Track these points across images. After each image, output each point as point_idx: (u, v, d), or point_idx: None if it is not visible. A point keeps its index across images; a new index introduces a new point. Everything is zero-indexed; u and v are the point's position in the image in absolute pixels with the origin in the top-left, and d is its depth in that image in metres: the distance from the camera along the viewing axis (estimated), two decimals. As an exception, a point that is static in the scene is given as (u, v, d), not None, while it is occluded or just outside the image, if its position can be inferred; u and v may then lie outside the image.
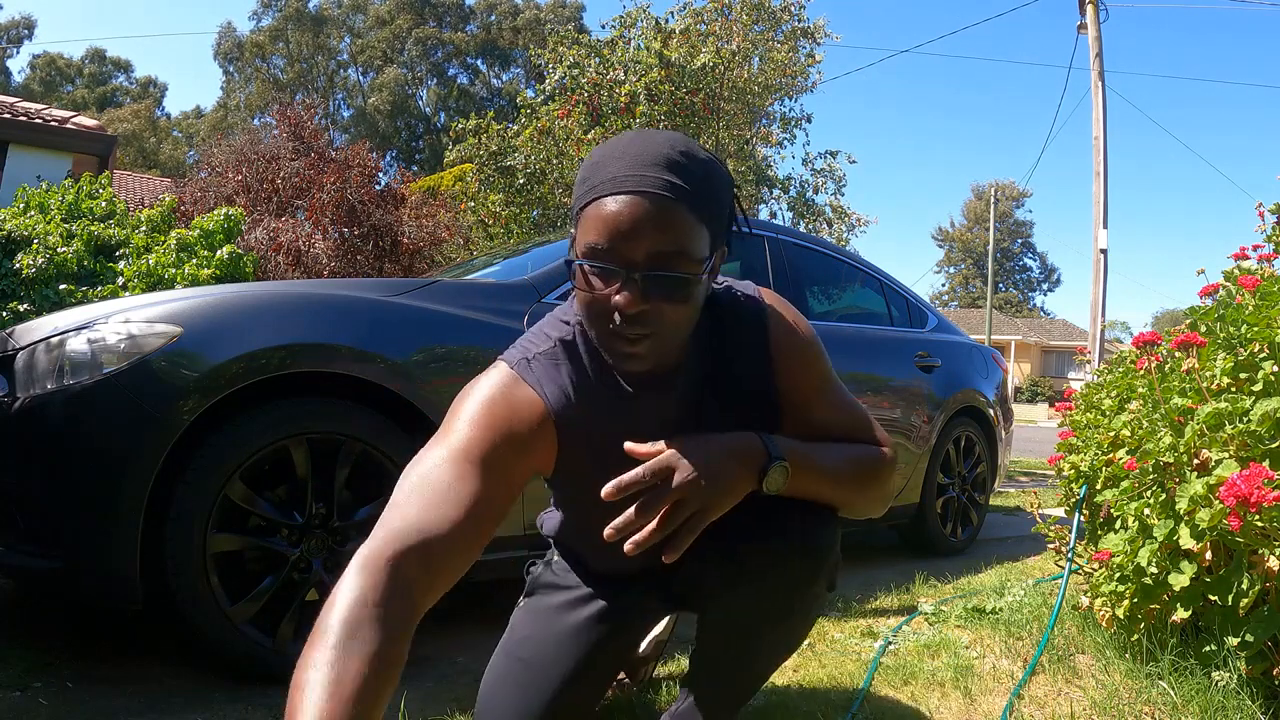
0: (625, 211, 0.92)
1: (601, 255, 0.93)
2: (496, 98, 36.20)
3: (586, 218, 0.95)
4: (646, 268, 0.93)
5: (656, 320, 0.95)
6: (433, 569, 0.86)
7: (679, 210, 0.93)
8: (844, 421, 1.16)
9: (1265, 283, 1.84)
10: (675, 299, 0.95)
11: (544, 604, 1.29)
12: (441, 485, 0.92)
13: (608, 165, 0.96)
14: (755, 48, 8.74)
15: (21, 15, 37.29)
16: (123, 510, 1.67)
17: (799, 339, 1.15)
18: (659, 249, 0.93)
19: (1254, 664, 1.50)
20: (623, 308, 0.93)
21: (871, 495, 1.14)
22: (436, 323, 2.09)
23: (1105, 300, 10.57)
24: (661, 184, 0.93)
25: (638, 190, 0.92)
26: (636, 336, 0.95)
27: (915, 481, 3.44)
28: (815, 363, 1.16)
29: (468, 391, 1.07)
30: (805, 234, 4.08)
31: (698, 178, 0.96)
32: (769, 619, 1.17)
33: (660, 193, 0.93)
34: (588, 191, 0.96)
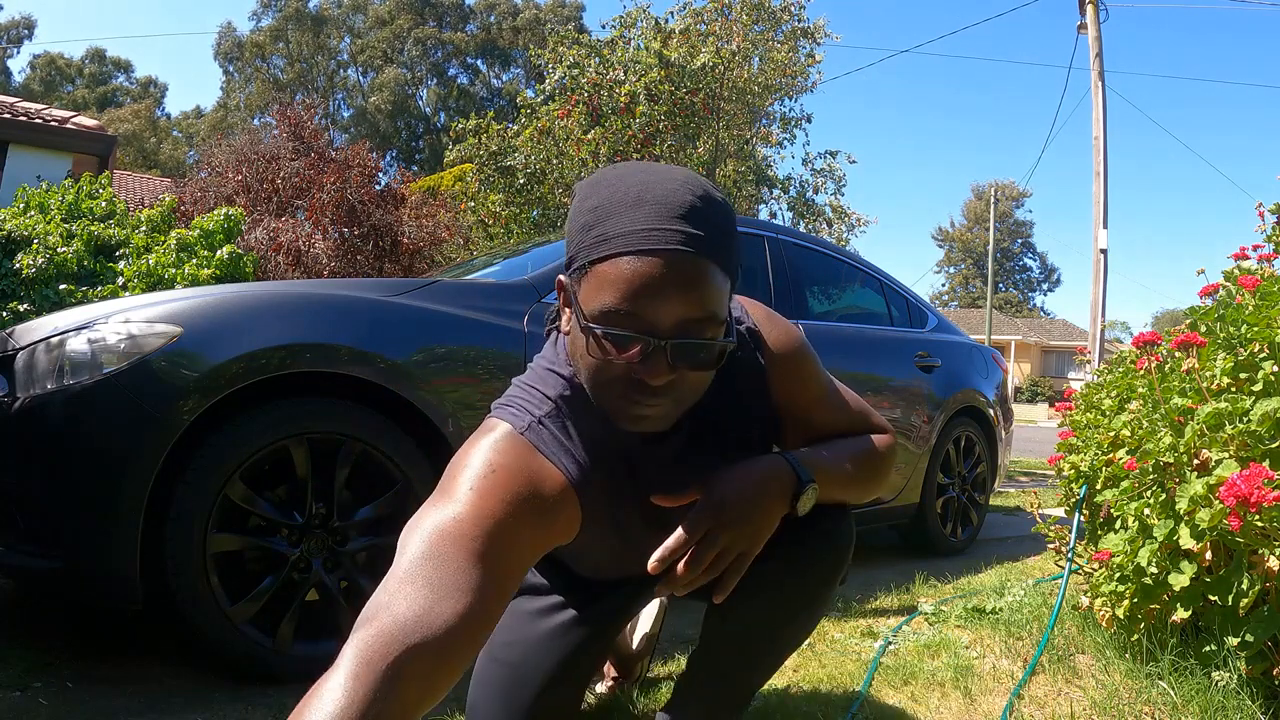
0: (651, 274, 0.83)
1: (621, 321, 0.84)
2: (496, 98, 36.21)
3: (600, 275, 0.85)
4: (674, 335, 0.85)
5: (679, 387, 0.89)
6: (434, 676, 0.74)
7: (707, 269, 0.85)
8: (844, 420, 1.18)
9: (1265, 283, 1.84)
10: (702, 366, 0.89)
11: (524, 608, 1.26)
12: (452, 566, 0.80)
13: (619, 214, 0.85)
14: (755, 48, 8.74)
15: (21, 15, 37.35)
16: (123, 510, 1.67)
17: (790, 353, 1.14)
18: (688, 315, 0.85)
19: (1254, 664, 1.50)
20: (648, 378, 0.85)
21: (881, 480, 1.18)
22: (436, 323, 2.09)
23: (1105, 300, 10.58)
24: (686, 240, 0.84)
25: (663, 249, 0.83)
26: (656, 403, 0.89)
27: (915, 481, 3.44)
28: (809, 371, 1.16)
29: (472, 456, 0.94)
30: (805, 234, 4.08)
31: (719, 228, 0.87)
32: (784, 622, 1.18)
33: (687, 251, 0.84)
34: (598, 243, 0.85)
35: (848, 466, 1.10)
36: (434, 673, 0.74)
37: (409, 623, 0.73)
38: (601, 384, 0.90)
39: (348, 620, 1.92)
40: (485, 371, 2.08)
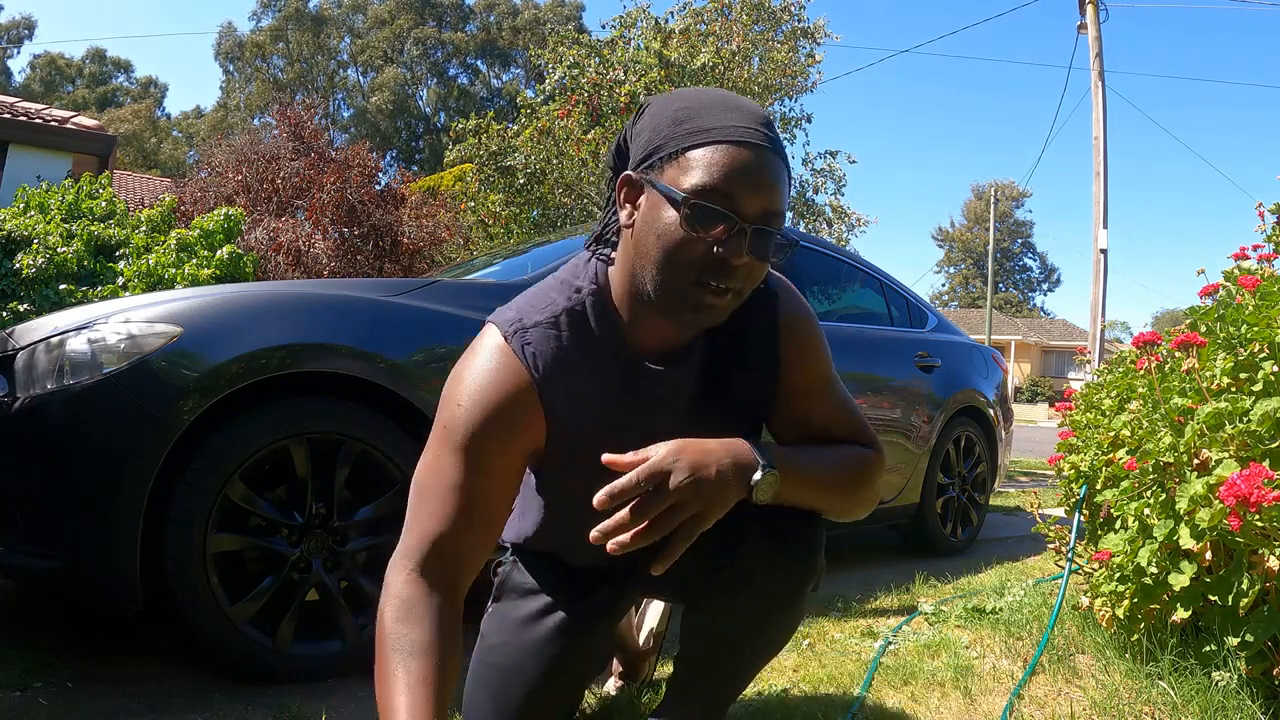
0: (748, 163, 0.90)
1: (717, 200, 0.90)
2: (496, 98, 36.20)
3: (696, 159, 0.91)
4: (756, 223, 0.92)
5: (746, 276, 0.95)
6: (458, 565, 0.98)
7: (785, 172, 0.95)
8: (841, 421, 1.14)
9: (1265, 283, 1.84)
10: (768, 257, 0.95)
11: (514, 611, 1.21)
12: (444, 488, 0.98)
13: (712, 112, 0.93)
14: (755, 48, 8.74)
15: (22, 15, 37.35)
16: (123, 510, 1.67)
17: (804, 323, 1.14)
18: (769, 207, 0.92)
19: (1254, 664, 1.50)
20: (731, 257, 0.91)
21: (860, 499, 1.11)
22: (436, 323, 2.09)
23: (1105, 300, 10.58)
24: (773, 143, 0.93)
25: (758, 144, 0.92)
26: (726, 290, 0.94)
27: (915, 481, 3.44)
28: (817, 348, 1.14)
29: (459, 371, 1.04)
30: (805, 234, 4.08)
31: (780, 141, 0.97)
32: (756, 625, 1.15)
33: (775, 152, 0.93)
34: (694, 132, 0.92)
35: (823, 472, 1.05)
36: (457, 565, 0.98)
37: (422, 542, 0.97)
38: (679, 265, 0.92)
39: (348, 620, 1.94)
40: (485, 371, 2.08)
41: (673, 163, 0.92)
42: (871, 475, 1.11)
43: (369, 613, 1.91)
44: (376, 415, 1.93)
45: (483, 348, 1.03)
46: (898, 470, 3.36)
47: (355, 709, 1.69)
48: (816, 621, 2.35)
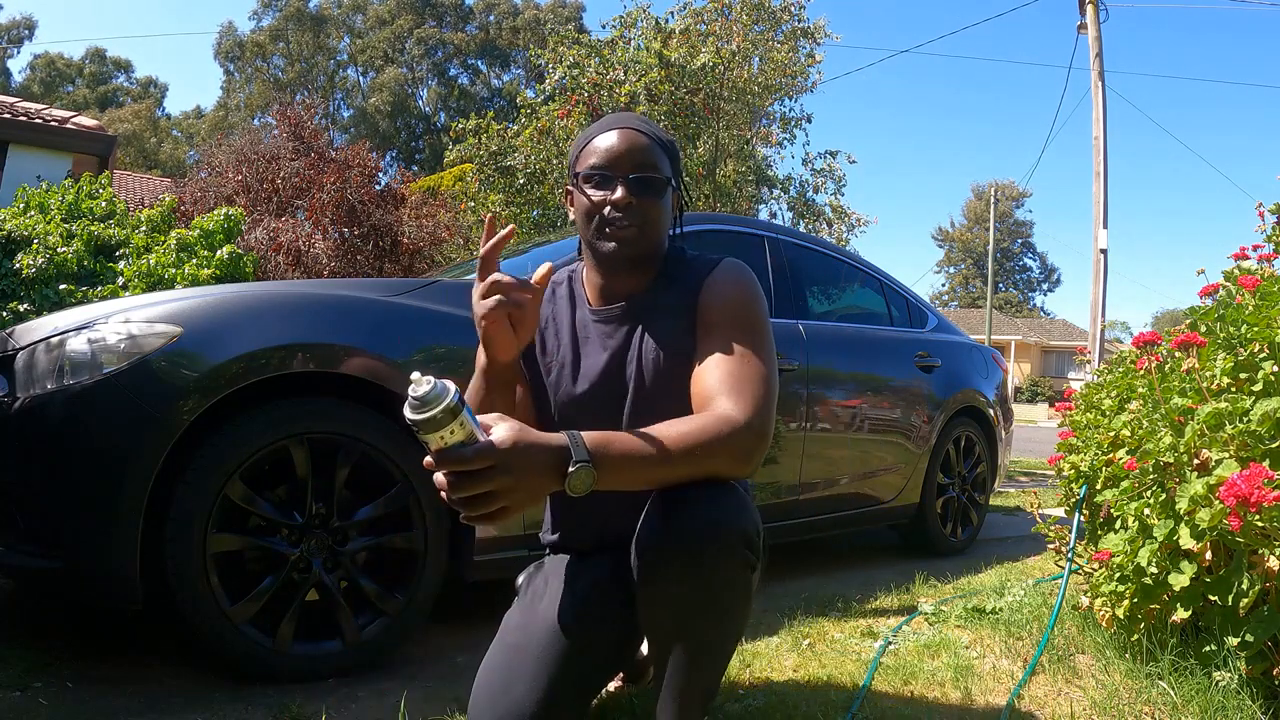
0: (616, 137, 1.30)
1: (599, 169, 1.29)
2: (497, 98, 36.17)
3: (585, 153, 1.31)
4: (632, 172, 1.28)
5: (640, 212, 1.28)
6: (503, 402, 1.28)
7: (650, 140, 1.31)
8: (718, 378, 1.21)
9: (1265, 283, 1.84)
10: (652, 196, 1.29)
11: (532, 603, 1.35)
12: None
13: (593, 127, 1.35)
14: (755, 48, 8.74)
15: (22, 15, 37.28)
16: (123, 510, 1.67)
17: (731, 287, 1.31)
18: (641, 160, 1.29)
19: (1254, 664, 1.50)
20: (617, 201, 1.26)
21: (714, 467, 1.14)
22: (436, 323, 2.09)
23: (1105, 300, 10.58)
24: (637, 124, 1.33)
25: (621, 127, 1.31)
26: (628, 224, 1.28)
27: (915, 481, 3.45)
28: (730, 308, 1.28)
29: None
30: (805, 234, 4.08)
31: (659, 131, 1.35)
32: (687, 612, 1.16)
33: (638, 128, 1.32)
34: (583, 140, 1.34)
35: (657, 450, 1.09)
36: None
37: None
38: (590, 221, 1.31)
39: (348, 620, 1.94)
40: (485, 371, 2.08)
41: (575, 165, 1.34)
42: (718, 445, 1.12)
43: (369, 613, 1.92)
44: (377, 415, 1.93)
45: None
46: (898, 470, 3.36)
47: (355, 709, 1.69)
48: (816, 621, 2.35)
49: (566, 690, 1.23)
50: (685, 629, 1.17)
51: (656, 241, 1.34)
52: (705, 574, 1.14)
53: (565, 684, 1.23)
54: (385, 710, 1.67)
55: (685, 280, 1.34)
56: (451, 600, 2.32)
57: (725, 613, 1.18)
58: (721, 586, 1.16)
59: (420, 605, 1.98)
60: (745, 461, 1.16)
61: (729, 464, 1.15)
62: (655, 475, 1.12)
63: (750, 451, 1.16)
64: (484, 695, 1.25)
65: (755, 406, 1.17)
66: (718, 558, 1.14)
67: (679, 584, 1.14)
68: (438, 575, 2.01)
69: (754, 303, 1.31)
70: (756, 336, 1.26)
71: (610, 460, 1.05)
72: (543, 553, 1.51)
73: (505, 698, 1.22)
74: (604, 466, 1.04)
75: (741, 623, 1.24)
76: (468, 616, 2.40)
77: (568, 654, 1.24)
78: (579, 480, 1.02)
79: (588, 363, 1.36)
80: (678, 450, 1.10)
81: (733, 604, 1.19)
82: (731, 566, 1.15)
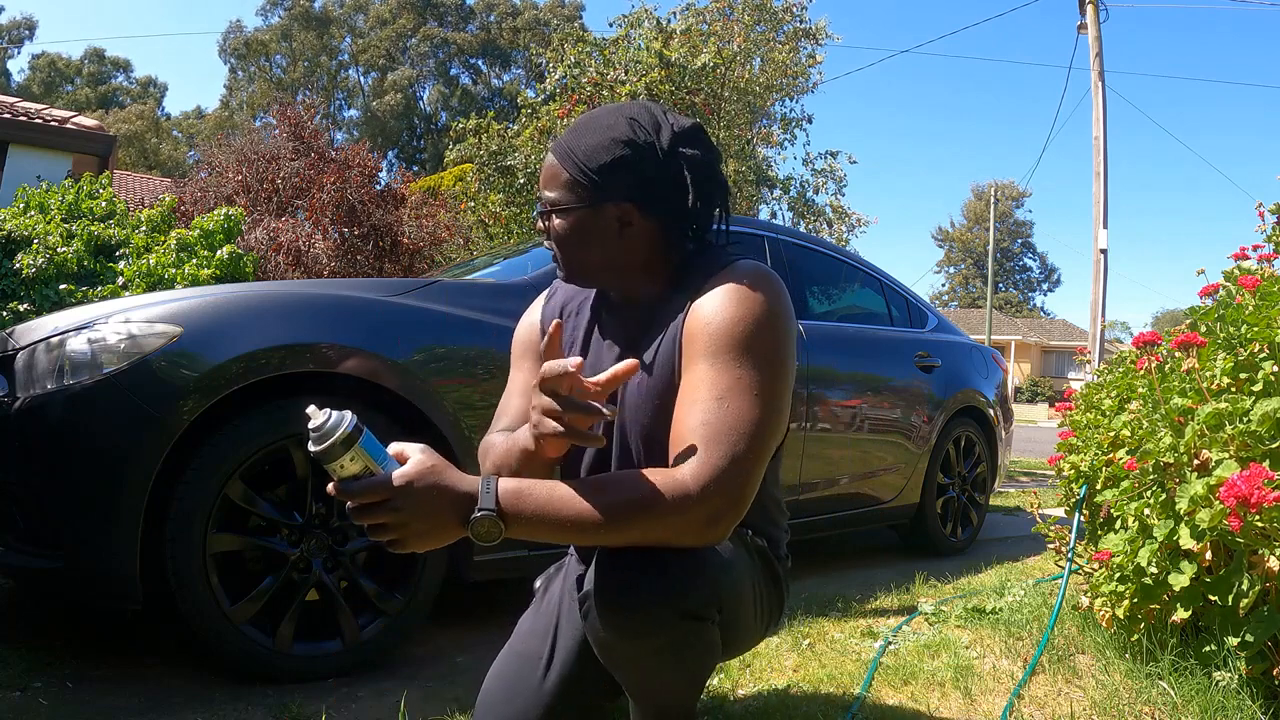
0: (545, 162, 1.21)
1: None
2: (497, 98, 36.17)
3: None
4: (543, 205, 1.19)
5: (557, 241, 1.19)
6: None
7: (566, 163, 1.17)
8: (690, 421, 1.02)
9: (1265, 283, 1.84)
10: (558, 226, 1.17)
11: (548, 605, 1.32)
12: (506, 394, 1.31)
13: None
14: (756, 48, 8.74)
15: (22, 15, 37.25)
16: (123, 510, 1.67)
17: (725, 304, 1.07)
18: (548, 192, 1.18)
19: (1254, 664, 1.50)
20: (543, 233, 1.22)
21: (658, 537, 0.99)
22: (436, 323, 2.09)
23: (1105, 300, 10.58)
24: (559, 146, 1.19)
25: (552, 149, 1.21)
26: (555, 253, 1.21)
27: (915, 482, 3.44)
28: (718, 332, 1.06)
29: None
30: (805, 234, 4.08)
31: (586, 139, 1.17)
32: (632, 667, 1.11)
33: (556, 150, 1.19)
34: None
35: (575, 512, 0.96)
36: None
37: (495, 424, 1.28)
38: None
39: (348, 620, 1.94)
40: (485, 371, 2.08)
41: None
42: (660, 516, 0.97)
43: (369, 613, 1.92)
44: (377, 415, 1.93)
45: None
46: (898, 470, 3.36)
47: (355, 709, 1.69)
48: (816, 621, 2.35)
49: (570, 705, 1.22)
50: (632, 679, 1.13)
51: (598, 268, 1.18)
52: (640, 640, 1.05)
53: (569, 699, 1.22)
54: (385, 710, 1.67)
55: (686, 289, 1.15)
56: (451, 600, 2.32)
57: (675, 669, 1.11)
58: (664, 651, 1.07)
59: (420, 605, 1.98)
60: (699, 535, 0.99)
61: (676, 537, 0.99)
62: (582, 539, 1.01)
63: (706, 523, 0.98)
64: (490, 700, 1.25)
65: (720, 469, 0.97)
66: (650, 629, 1.03)
67: (614, 645, 1.07)
68: (438, 575, 2.01)
69: (753, 324, 1.06)
70: (750, 369, 1.04)
71: (523, 516, 0.96)
72: (544, 552, 1.51)
73: (509, 706, 1.22)
74: (516, 521, 0.95)
75: (700, 672, 1.16)
76: (468, 616, 2.40)
77: (573, 669, 1.22)
78: (482, 529, 0.94)
79: (595, 360, 1.24)
80: (604, 520, 0.96)
81: (682, 662, 1.10)
82: (671, 635, 1.05)
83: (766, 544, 1.31)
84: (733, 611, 1.14)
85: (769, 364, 1.05)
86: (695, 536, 1.00)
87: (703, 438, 1.00)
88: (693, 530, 0.99)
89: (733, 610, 1.13)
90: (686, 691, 1.16)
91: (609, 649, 1.08)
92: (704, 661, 1.14)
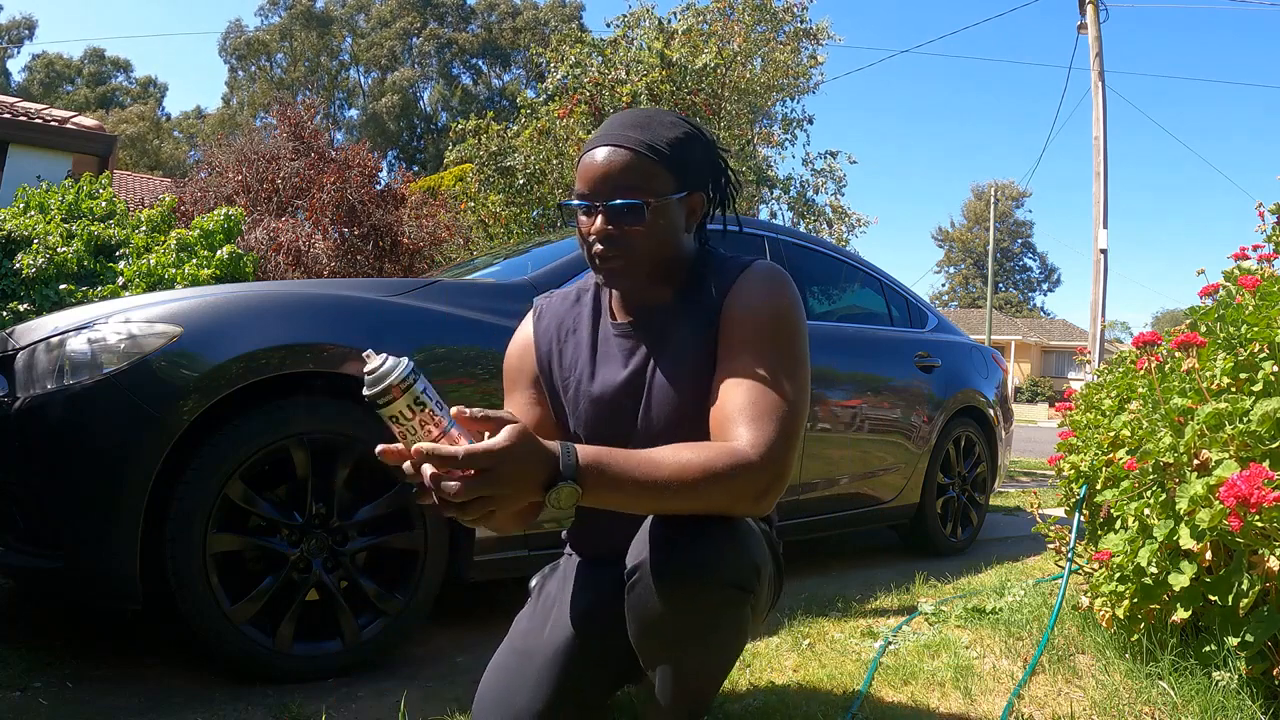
0: (593, 160, 1.18)
1: (581, 196, 1.19)
2: (498, 98, 36.17)
3: (578, 174, 1.21)
4: (610, 199, 1.16)
5: (624, 241, 1.16)
6: None
7: (630, 153, 1.16)
8: (740, 402, 1.09)
9: (1265, 283, 1.84)
10: (633, 222, 1.16)
11: (545, 603, 1.33)
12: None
13: (591, 138, 1.22)
14: (757, 48, 8.73)
15: (22, 15, 37.29)
16: (123, 510, 1.67)
17: (758, 298, 1.18)
18: (620, 182, 1.15)
19: (1254, 664, 1.50)
20: (596, 232, 1.16)
21: (717, 504, 1.05)
22: (436, 323, 2.09)
23: (1105, 300, 10.59)
24: (616, 137, 1.17)
25: (604, 145, 1.18)
26: (612, 255, 1.17)
27: (915, 481, 3.44)
28: (756, 323, 1.15)
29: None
30: (805, 234, 4.08)
31: (657, 134, 1.19)
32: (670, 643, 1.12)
33: (621, 142, 1.17)
34: (579, 157, 1.22)
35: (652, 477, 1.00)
36: None
37: None
38: (582, 249, 1.21)
39: (348, 620, 1.94)
40: (485, 371, 2.08)
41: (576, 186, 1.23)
42: (722, 482, 1.02)
43: (369, 613, 1.92)
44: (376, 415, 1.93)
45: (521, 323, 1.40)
46: (898, 470, 3.36)
47: (355, 709, 1.69)
48: (816, 621, 2.35)
49: (568, 702, 1.22)
50: (669, 657, 1.14)
51: (654, 262, 1.20)
52: (688, 613, 1.08)
53: (567, 696, 1.22)
54: (385, 710, 1.67)
55: (709, 288, 1.22)
56: (451, 600, 2.32)
57: (711, 647, 1.14)
58: (706, 626, 1.10)
59: (420, 605, 1.98)
60: (754, 503, 1.06)
61: (734, 503, 1.05)
62: (648, 504, 1.03)
63: (762, 493, 1.05)
64: (487, 698, 1.25)
65: (774, 442, 1.06)
66: (701, 598, 1.07)
67: (662, 618, 1.09)
68: (438, 575, 2.01)
69: (785, 316, 1.17)
70: (786, 357, 1.14)
71: (602, 480, 0.97)
72: (544, 552, 1.51)
73: (507, 704, 1.22)
74: (594, 486, 0.97)
75: (732, 653, 1.19)
76: (468, 616, 2.41)
77: (572, 666, 1.22)
78: (563, 494, 0.95)
79: (604, 382, 1.25)
80: (675, 482, 1.00)
81: (720, 639, 1.14)
82: (718, 606, 1.09)
83: (768, 527, 1.35)
84: (761, 587, 1.18)
85: (800, 355, 1.17)
86: (749, 504, 1.06)
87: (753, 415, 1.08)
88: (748, 498, 1.05)
89: (761, 586, 1.17)
90: (717, 671, 1.20)
91: (654, 625, 1.10)
92: (739, 639, 1.18)
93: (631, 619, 1.13)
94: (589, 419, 1.26)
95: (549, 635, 1.26)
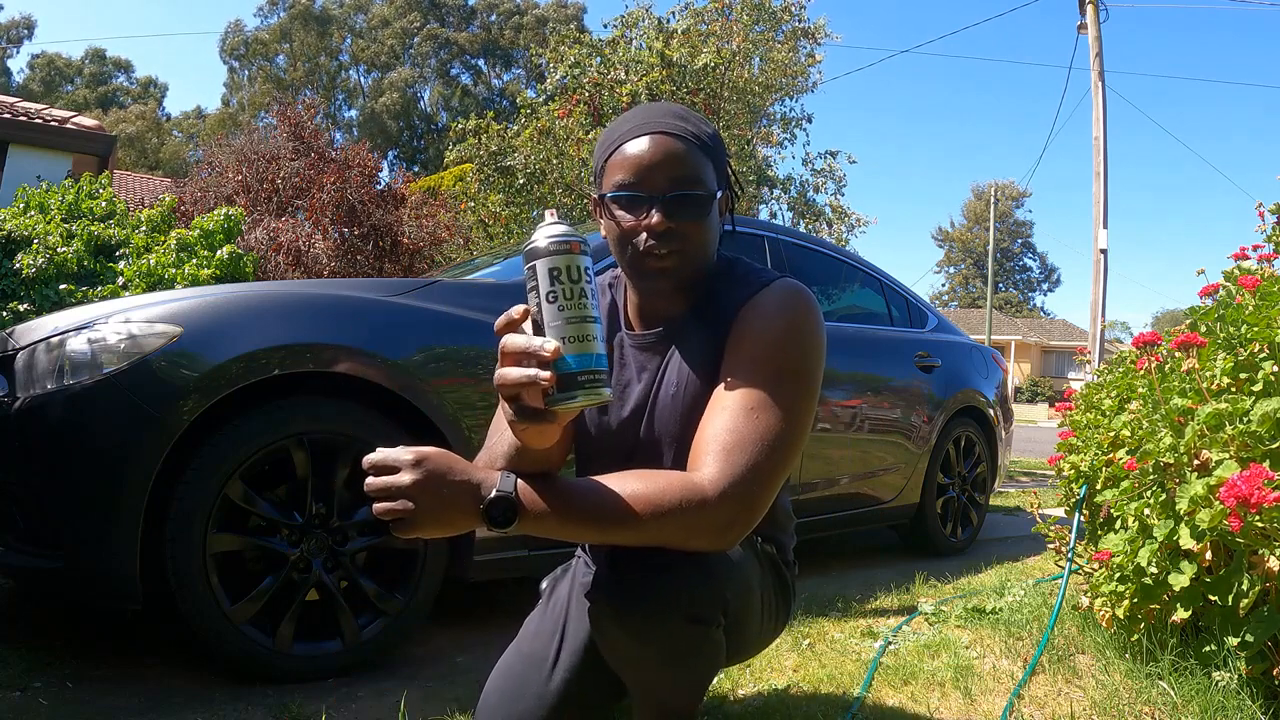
0: (647, 148, 1.09)
1: (629, 188, 1.09)
2: (498, 98, 36.20)
3: (612, 165, 1.11)
4: (670, 191, 1.08)
5: (682, 237, 1.09)
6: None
7: (688, 145, 1.10)
8: (715, 427, 1.02)
9: (1265, 283, 1.84)
10: (693, 217, 1.09)
11: (554, 607, 1.31)
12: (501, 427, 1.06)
13: (622, 125, 1.13)
14: (756, 48, 8.73)
15: (22, 15, 37.33)
16: (123, 510, 1.67)
17: (768, 320, 1.09)
18: (680, 174, 1.09)
19: (1254, 664, 1.50)
20: (654, 227, 1.07)
21: (670, 539, 0.98)
22: (436, 323, 2.09)
23: (1105, 300, 10.59)
24: (670, 126, 1.11)
25: (655, 132, 1.09)
26: (666, 252, 1.09)
27: (915, 482, 3.44)
28: (758, 347, 1.07)
29: None
30: (805, 234, 4.08)
31: (698, 125, 1.14)
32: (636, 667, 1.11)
33: (674, 130, 1.10)
34: (608, 145, 1.13)
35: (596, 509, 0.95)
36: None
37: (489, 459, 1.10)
38: (623, 248, 1.12)
39: (348, 620, 1.94)
40: (485, 371, 2.08)
41: (603, 176, 1.14)
42: (674, 517, 0.95)
43: (369, 613, 1.92)
44: (377, 415, 1.93)
45: None
46: (898, 470, 3.36)
47: (355, 709, 1.69)
48: (816, 621, 2.35)
49: (574, 706, 1.22)
50: (638, 680, 1.13)
51: (704, 263, 1.15)
52: (647, 643, 1.04)
53: (574, 700, 1.22)
54: (385, 710, 1.67)
55: (726, 303, 1.14)
56: (451, 600, 2.32)
57: (678, 673, 1.10)
58: (667, 655, 1.06)
59: (420, 605, 1.98)
60: (713, 540, 0.99)
61: (688, 539, 0.98)
62: (595, 535, 0.99)
63: (720, 530, 0.98)
64: (493, 699, 1.25)
65: (738, 477, 0.97)
66: (656, 631, 1.03)
67: (623, 645, 1.07)
68: (438, 575, 2.01)
69: (794, 341, 1.08)
70: (786, 384, 1.05)
71: (537, 506, 0.93)
72: (544, 552, 1.50)
73: (513, 707, 1.22)
74: (530, 510, 0.93)
75: (704, 676, 1.15)
76: (468, 616, 2.41)
77: (579, 674, 1.22)
78: (497, 511, 0.92)
79: (620, 394, 1.20)
80: (621, 515, 0.94)
81: (686, 665, 1.10)
82: (675, 639, 1.04)
83: (775, 550, 1.31)
84: (740, 617, 1.13)
85: (804, 383, 1.08)
86: (708, 541, 1.00)
87: (726, 445, 1.00)
88: (705, 535, 0.98)
89: (740, 616, 1.13)
90: (690, 694, 1.16)
91: (614, 649, 1.09)
92: (708, 665, 1.13)
93: (598, 642, 1.11)
94: (599, 428, 1.22)
95: (557, 641, 1.25)
